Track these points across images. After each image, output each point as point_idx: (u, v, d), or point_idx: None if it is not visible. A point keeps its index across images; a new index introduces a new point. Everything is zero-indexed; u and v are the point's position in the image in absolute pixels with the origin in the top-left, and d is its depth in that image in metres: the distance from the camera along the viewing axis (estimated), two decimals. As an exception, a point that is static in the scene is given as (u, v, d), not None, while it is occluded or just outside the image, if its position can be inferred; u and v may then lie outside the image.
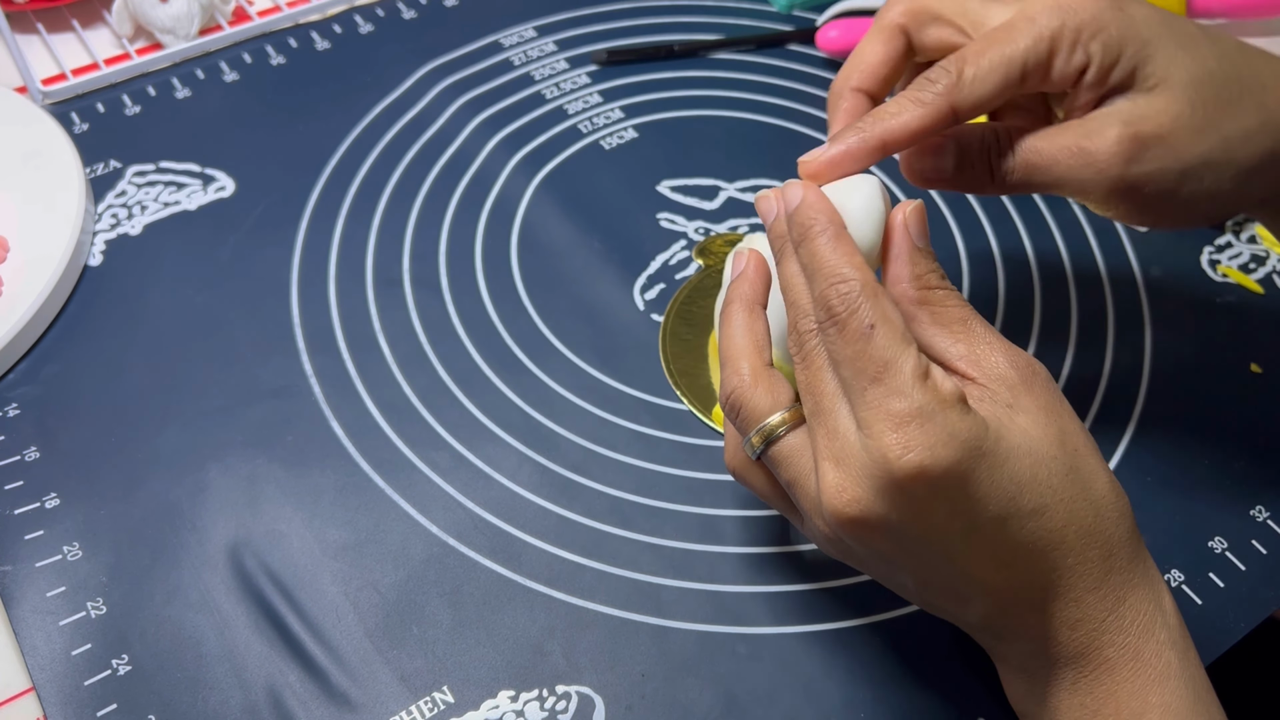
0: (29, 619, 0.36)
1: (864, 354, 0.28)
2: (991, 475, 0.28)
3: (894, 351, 0.28)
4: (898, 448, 0.27)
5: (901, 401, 0.27)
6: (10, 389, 0.42)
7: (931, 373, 0.28)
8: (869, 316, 0.28)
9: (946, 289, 0.31)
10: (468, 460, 0.41)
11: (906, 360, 0.28)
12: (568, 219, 0.50)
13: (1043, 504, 0.28)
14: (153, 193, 0.49)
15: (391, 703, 0.35)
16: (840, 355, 0.29)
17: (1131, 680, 0.29)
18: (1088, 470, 0.29)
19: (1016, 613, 0.30)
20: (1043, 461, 0.29)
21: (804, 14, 0.61)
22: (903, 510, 0.28)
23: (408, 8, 0.60)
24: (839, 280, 0.29)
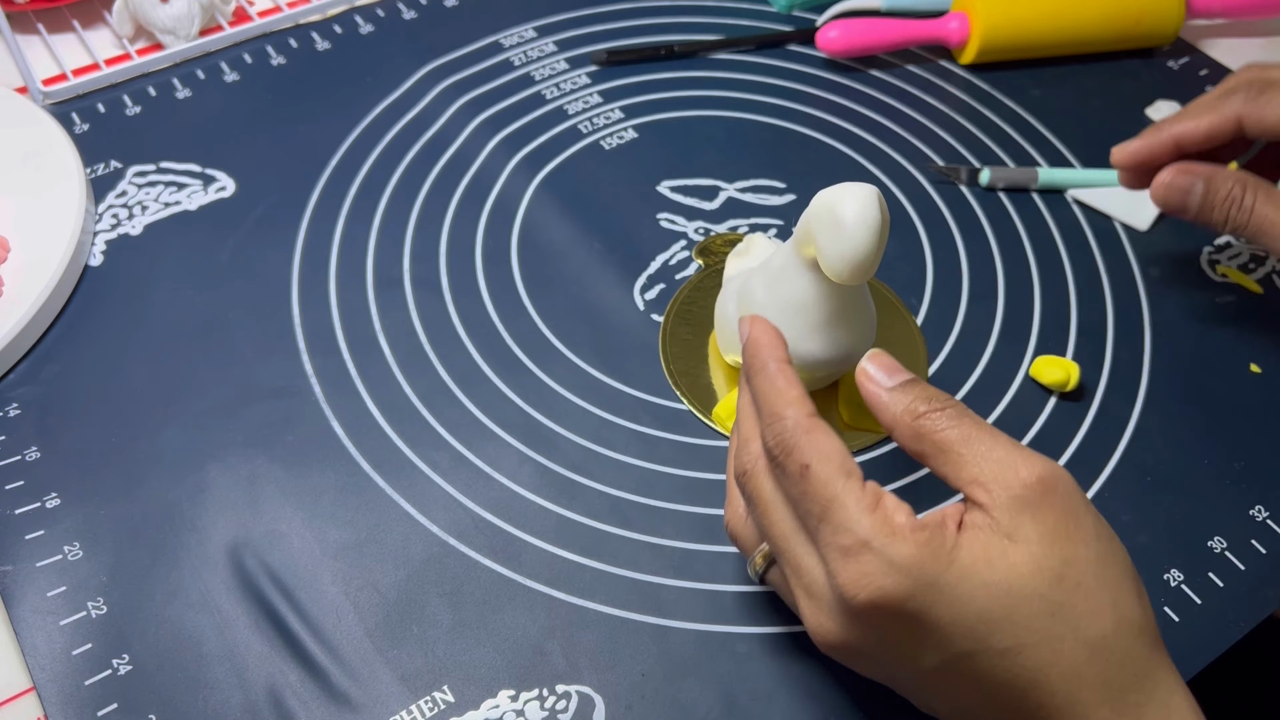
0: (29, 619, 0.36)
1: (807, 494, 0.28)
2: (952, 610, 0.27)
3: (834, 487, 0.28)
4: (851, 584, 0.27)
5: (847, 536, 0.27)
6: (11, 389, 0.42)
7: (883, 503, 0.28)
8: (803, 455, 0.29)
9: (939, 410, 0.30)
10: (468, 460, 0.41)
11: (848, 493, 0.28)
12: (568, 219, 0.50)
13: (1018, 644, 0.27)
14: (153, 193, 0.50)
15: (392, 702, 0.35)
16: (789, 494, 0.30)
17: None
18: (1085, 609, 0.27)
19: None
20: (1024, 600, 0.27)
21: (804, 14, 0.61)
22: (872, 639, 0.28)
23: (408, 8, 0.60)
24: (774, 419, 0.30)
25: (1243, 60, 0.60)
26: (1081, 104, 0.57)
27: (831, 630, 0.29)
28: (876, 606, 0.27)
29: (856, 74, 0.58)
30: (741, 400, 0.33)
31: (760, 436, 0.31)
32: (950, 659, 0.28)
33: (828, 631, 0.29)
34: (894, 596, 0.27)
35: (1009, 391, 0.45)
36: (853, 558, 0.27)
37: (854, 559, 0.27)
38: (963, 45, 0.58)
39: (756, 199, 0.51)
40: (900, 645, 0.28)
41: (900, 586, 0.27)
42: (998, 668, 0.27)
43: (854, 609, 0.27)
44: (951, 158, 0.54)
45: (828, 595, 0.29)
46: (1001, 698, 0.28)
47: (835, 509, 0.28)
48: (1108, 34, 0.58)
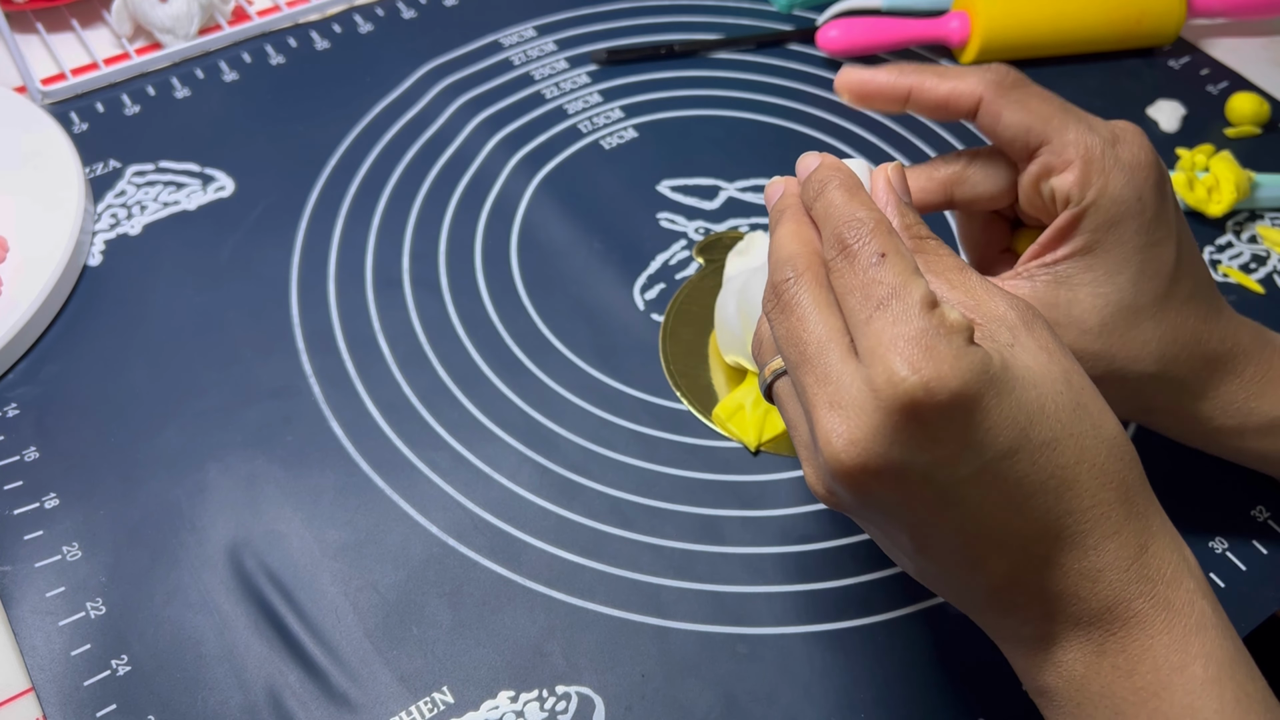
0: (28, 619, 0.36)
1: (873, 280, 0.27)
2: (1000, 403, 0.27)
3: (903, 279, 0.27)
4: (904, 369, 0.26)
5: (908, 326, 0.26)
6: (10, 389, 0.42)
7: (940, 304, 0.27)
8: (880, 246, 0.28)
9: (937, 239, 0.31)
10: (467, 460, 0.41)
11: (915, 288, 0.27)
12: (568, 219, 0.50)
13: (1053, 436, 0.27)
14: (152, 192, 0.49)
15: (391, 703, 0.35)
16: (848, 285, 0.28)
17: (1167, 632, 0.28)
18: (1095, 409, 0.28)
19: (1030, 572, 0.28)
20: (1049, 395, 0.27)
21: (804, 14, 0.61)
22: (906, 445, 0.26)
23: (407, 7, 0.59)
24: (852, 219, 0.29)
25: (1244, 59, 0.60)
26: (1082, 103, 0.57)
27: (860, 441, 0.26)
28: (931, 393, 0.26)
29: (857, 73, 0.58)
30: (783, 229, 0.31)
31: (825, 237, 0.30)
32: (991, 460, 0.27)
33: (855, 443, 0.27)
34: (950, 384, 0.26)
35: (1009, 391, 0.45)
36: (911, 344, 0.26)
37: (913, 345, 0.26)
38: (963, 45, 0.58)
39: (757, 199, 0.51)
40: (939, 447, 0.27)
41: (956, 373, 0.26)
42: (1036, 465, 0.27)
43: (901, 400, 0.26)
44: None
45: (864, 398, 0.26)
46: (1034, 504, 0.27)
47: (899, 298, 0.27)
48: (1109, 34, 0.58)
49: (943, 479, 0.27)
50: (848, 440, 0.27)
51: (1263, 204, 0.52)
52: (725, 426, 0.42)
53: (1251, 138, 0.56)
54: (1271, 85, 0.59)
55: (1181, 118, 0.56)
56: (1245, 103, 0.56)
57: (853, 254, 0.28)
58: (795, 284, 0.30)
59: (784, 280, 0.30)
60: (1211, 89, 0.58)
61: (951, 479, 0.27)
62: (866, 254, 0.28)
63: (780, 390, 0.31)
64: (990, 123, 0.35)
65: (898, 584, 0.38)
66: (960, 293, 0.29)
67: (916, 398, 0.26)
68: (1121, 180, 0.33)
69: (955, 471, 0.27)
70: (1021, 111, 0.34)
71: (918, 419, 0.26)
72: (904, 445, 0.26)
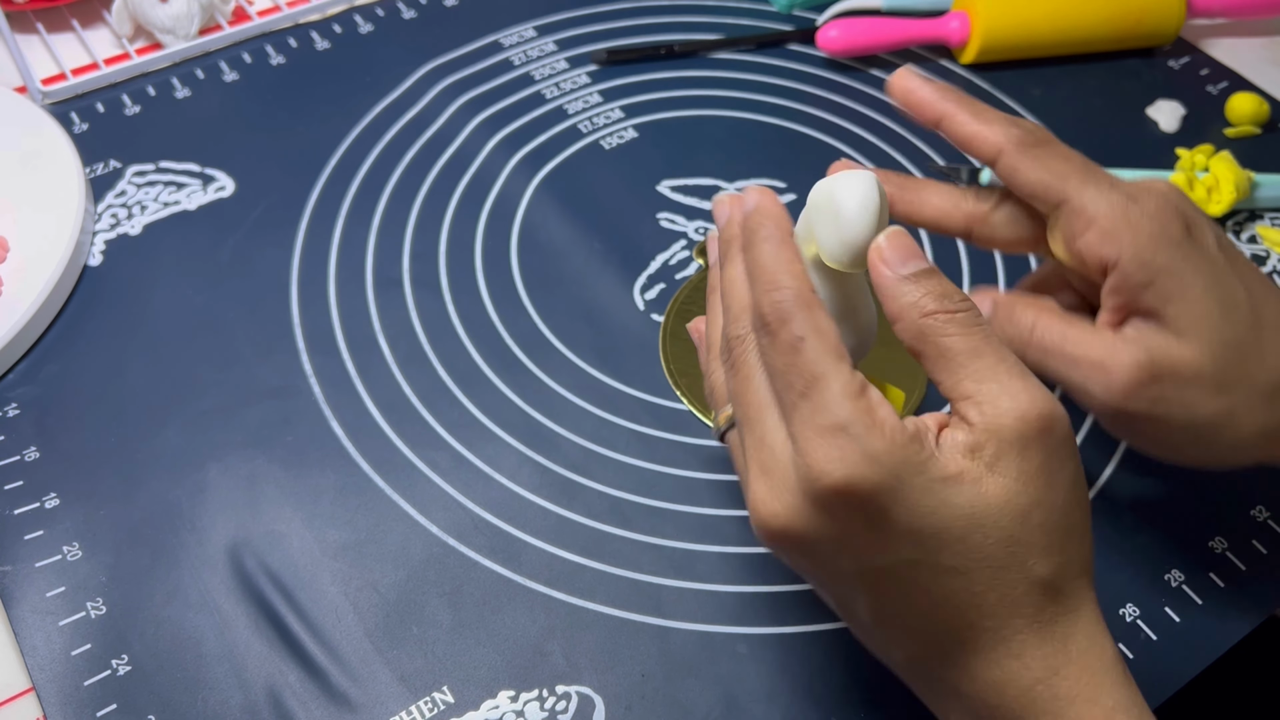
0: (29, 619, 0.36)
1: (793, 366, 0.27)
2: (912, 517, 0.27)
3: (823, 366, 0.27)
4: (820, 464, 0.26)
5: (827, 417, 0.27)
6: (10, 389, 0.42)
7: (868, 393, 0.27)
8: (799, 328, 0.28)
9: (949, 313, 0.28)
10: (468, 460, 0.41)
11: (836, 376, 0.27)
12: (568, 219, 0.50)
13: (965, 565, 0.27)
14: (152, 193, 0.49)
15: (391, 703, 0.35)
16: (772, 365, 0.28)
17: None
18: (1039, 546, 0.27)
19: (938, 663, 0.29)
20: (981, 528, 0.27)
21: (804, 14, 0.61)
22: (819, 529, 0.27)
23: (407, 7, 0.60)
24: (773, 288, 0.29)
25: (1243, 60, 0.60)
26: (1082, 104, 0.57)
27: (779, 513, 0.28)
28: (839, 493, 0.26)
29: (857, 73, 0.58)
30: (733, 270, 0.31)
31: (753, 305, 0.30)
32: (894, 564, 0.27)
33: (774, 514, 0.28)
34: (861, 486, 0.26)
35: (1009, 391, 0.45)
36: (828, 438, 0.26)
37: (829, 440, 0.26)
38: (963, 45, 0.58)
39: (756, 199, 0.51)
40: (849, 539, 0.27)
41: (869, 478, 0.26)
42: (939, 582, 0.27)
43: (816, 491, 0.27)
44: (952, 157, 0.54)
45: (788, 475, 0.28)
46: (936, 613, 0.28)
47: (820, 388, 0.27)
48: (1108, 34, 0.58)
49: (847, 566, 0.28)
50: (769, 510, 0.28)
51: (1262, 204, 0.52)
52: (725, 426, 0.42)
53: (1251, 138, 0.56)
54: (1271, 85, 0.59)
55: (1181, 118, 0.56)
56: (1245, 103, 0.56)
57: (772, 333, 0.28)
58: (744, 342, 0.30)
59: (737, 337, 0.30)
60: (1211, 89, 0.59)
61: (856, 568, 0.28)
62: (786, 336, 0.28)
63: (731, 440, 0.32)
64: (1008, 175, 0.34)
65: (898, 584, 0.38)
66: (970, 385, 0.28)
67: (828, 494, 0.27)
68: (1144, 238, 0.32)
69: (859, 562, 0.28)
70: (1040, 170, 0.34)
71: (827, 511, 0.27)
72: (815, 528, 0.27)
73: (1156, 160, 0.54)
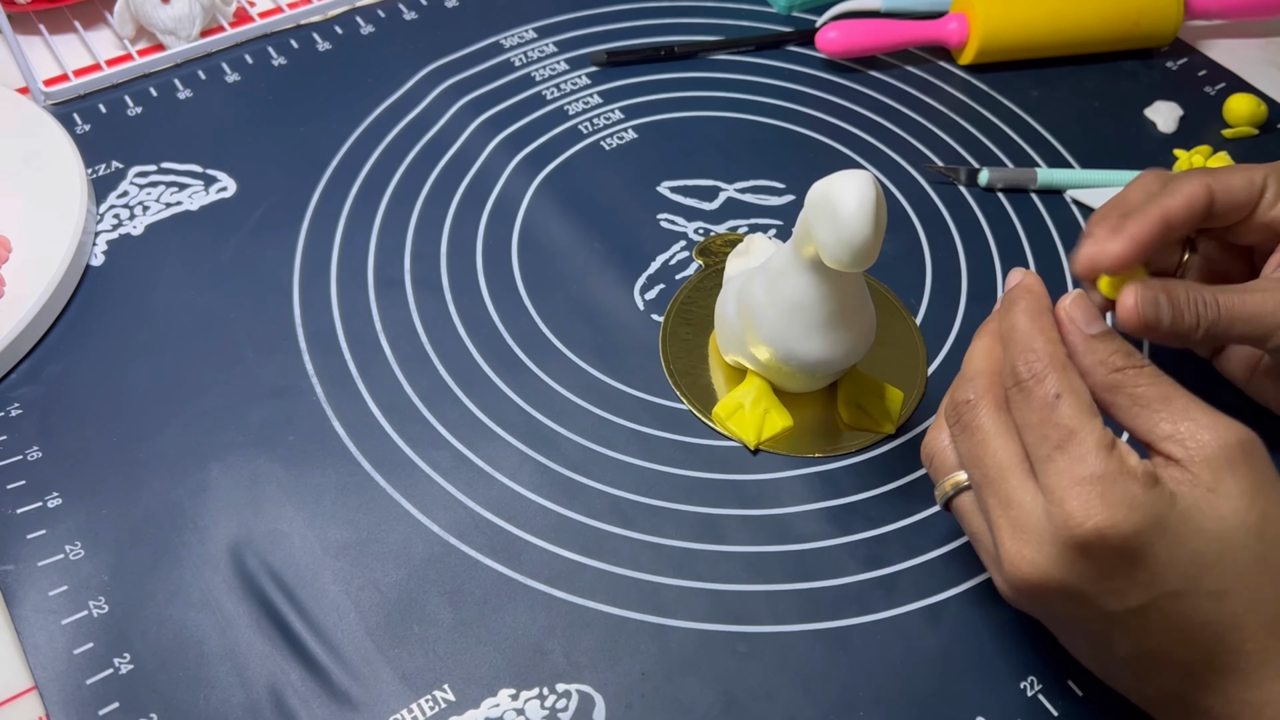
0: (31, 618, 0.36)
1: (1049, 421, 0.29)
2: (1172, 551, 0.28)
3: (1079, 421, 0.29)
4: (1080, 513, 0.28)
5: (1085, 468, 0.28)
6: (12, 389, 0.42)
7: (1118, 445, 0.29)
8: (1055, 386, 0.30)
9: (1137, 368, 0.31)
10: (468, 460, 0.41)
11: (1091, 431, 0.29)
12: (568, 219, 0.50)
13: (1223, 588, 0.28)
14: (154, 193, 0.50)
15: (393, 701, 0.35)
16: (1025, 421, 0.30)
17: None
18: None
19: (1195, 693, 0.30)
20: (1231, 549, 0.29)
21: (803, 15, 0.61)
22: (1081, 575, 0.29)
23: (409, 9, 0.60)
24: (1028, 349, 0.31)
25: (1241, 61, 0.61)
26: (1080, 105, 0.58)
27: (1038, 564, 0.29)
28: (1103, 536, 0.28)
29: (856, 75, 0.58)
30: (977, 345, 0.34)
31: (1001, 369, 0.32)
32: (1157, 598, 0.29)
33: (1034, 565, 0.29)
34: (1122, 529, 0.28)
35: (1008, 391, 0.45)
36: (1088, 487, 0.28)
37: (1088, 489, 0.28)
38: (962, 46, 0.58)
39: (756, 199, 0.51)
40: (1110, 580, 0.29)
41: (1129, 520, 0.28)
42: (1201, 609, 0.29)
43: (1078, 538, 0.28)
44: (950, 158, 0.54)
45: (1043, 527, 0.29)
46: (1197, 639, 0.29)
47: (1076, 441, 0.29)
48: (1106, 35, 0.58)
49: (1111, 606, 0.29)
50: (1029, 563, 0.29)
51: (1260, 205, 0.52)
52: (725, 426, 0.42)
53: (1248, 138, 0.56)
54: (1269, 86, 0.59)
55: (1179, 119, 0.57)
56: (1242, 104, 0.56)
57: (1028, 390, 0.30)
58: (975, 407, 0.32)
59: (965, 401, 0.32)
60: (1209, 90, 0.59)
61: (1120, 607, 0.29)
62: (1042, 393, 0.30)
63: (962, 504, 0.33)
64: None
65: (896, 582, 0.39)
66: (1167, 425, 0.30)
67: (1089, 540, 0.28)
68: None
69: (1123, 601, 0.29)
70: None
71: (1090, 556, 0.28)
72: (1077, 575, 0.29)
73: (1154, 161, 0.54)
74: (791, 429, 0.42)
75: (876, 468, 0.42)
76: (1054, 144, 0.55)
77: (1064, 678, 0.36)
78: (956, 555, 0.39)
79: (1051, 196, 0.53)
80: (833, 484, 0.41)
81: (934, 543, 0.40)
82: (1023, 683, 0.36)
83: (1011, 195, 0.53)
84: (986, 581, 0.39)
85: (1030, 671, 0.36)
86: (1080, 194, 0.53)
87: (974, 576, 0.39)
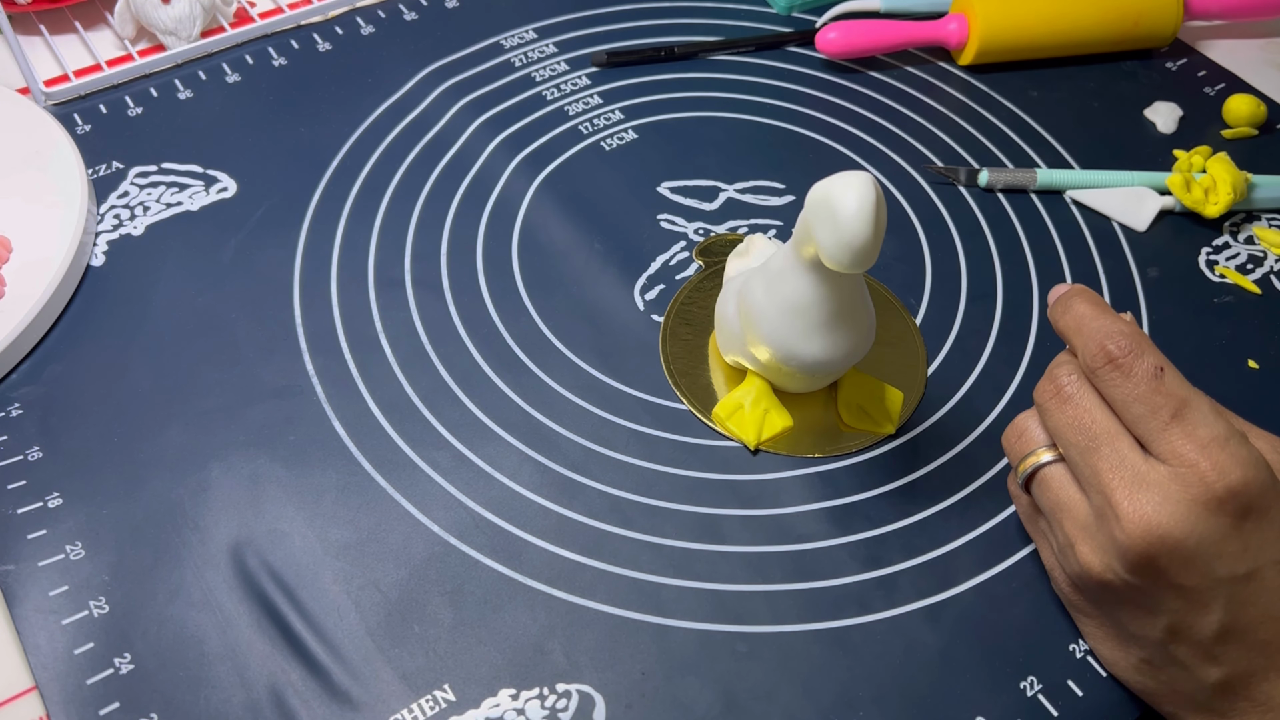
0: (31, 618, 0.36)
1: (1158, 391, 0.30)
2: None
3: (1187, 390, 0.30)
4: (1213, 471, 0.29)
5: (1209, 430, 0.29)
6: (13, 389, 0.42)
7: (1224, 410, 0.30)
8: (1155, 359, 0.31)
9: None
10: (469, 460, 0.41)
11: (1201, 397, 0.30)
12: (568, 220, 0.50)
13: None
14: (155, 193, 0.50)
15: (393, 701, 0.35)
16: (1129, 394, 0.31)
17: None
18: None
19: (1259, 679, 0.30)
20: None
21: (803, 16, 0.61)
22: (1205, 534, 0.29)
23: (409, 9, 0.60)
24: (1113, 332, 0.32)
25: (1240, 61, 0.61)
26: (1080, 105, 0.58)
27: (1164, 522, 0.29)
28: (1236, 494, 0.29)
29: (856, 75, 0.58)
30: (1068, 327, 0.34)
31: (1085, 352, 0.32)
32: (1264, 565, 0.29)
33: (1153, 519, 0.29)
34: (1253, 485, 0.29)
35: (1008, 391, 0.45)
36: (1216, 448, 0.29)
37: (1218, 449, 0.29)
38: (961, 47, 0.59)
39: (756, 200, 0.51)
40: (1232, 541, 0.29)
41: (1259, 478, 0.29)
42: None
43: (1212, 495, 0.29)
44: (950, 159, 0.54)
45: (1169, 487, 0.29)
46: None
47: (1192, 408, 0.30)
48: (1106, 35, 0.58)
49: (1222, 571, 0.30)
50: (1154, 515, 0.30)
51: (1259, 205, 0.52)
52: (725, 426, 0.42)
53: (1248, 139, 0.56)
54: (1268, 87, 0.59)
55: (1178, 119, 0.57)
56: (1242, 104, 0.56)
57: (1126, 367, 0.31)
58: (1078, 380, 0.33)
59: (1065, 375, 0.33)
60: (1208, 90, 0.59)
61: (1228, 573, 0.30)
62: (1143, 367, 0.31)
63: (1048, 475, 0.34)
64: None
65: (896, 582, 0.39)
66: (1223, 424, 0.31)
67: (1224, 497, 0.29)
68: None
69: (1234, 566, 0.29)
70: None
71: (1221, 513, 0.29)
72: (1201, 534, 0.29)
73: (1154, 162, 0.55)
74: (791, 429, 0.42)
75: (876, 468, 0.42)
76: (1054, 144, 0.55)
77: (1064, 678, 0.36)
78: (956, 555, 0.39)
79: (1051, 197, 0.53)
80: (833, 484, 0.41)
81: (934, 543, 0.40)
82: (1023, 683, 0.36)
83: (1011, 195, 0.53)
84: (986, 581, 0.39)
85: (1030, 671, 0.36)
86: (1080, 194, 0.53)
87: (974, 576, 0.39)
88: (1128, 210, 0.52)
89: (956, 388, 0.45)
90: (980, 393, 0.45)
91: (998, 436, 0.43)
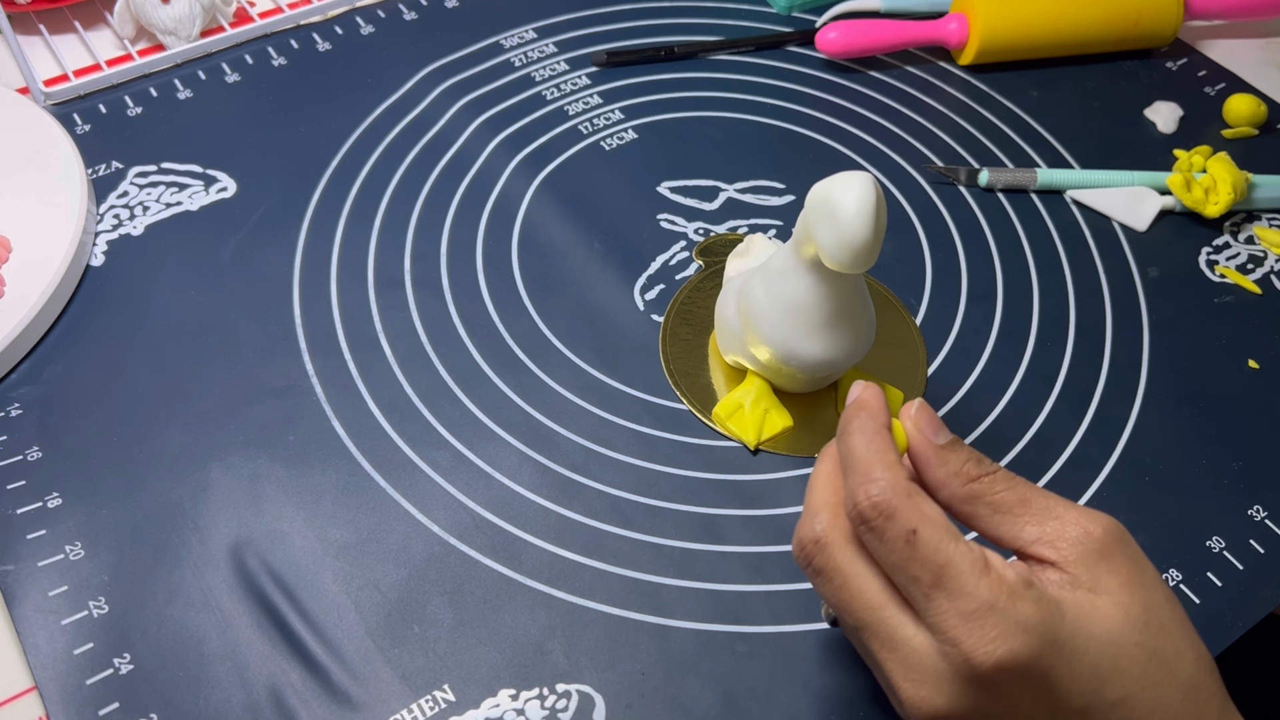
0: (31, 618, 0.36)
1: (913, 560, 0.27)
2: (1072, 668, 0.27)
3: (944, 552, 0.27)
4: (978, 650, 0.27)
5: (969, 601, 0.27)
6: (12, 389, 0.42)
7: (990, 562, 0.28)
8: (908, 520, 0.28)
9: (991, 474, 0.30)
10: (468, 460, 0.41)
11: (961, 557, 0.27)
12: (568, 220, 0.50)
13: (1125, 694, 0.28)
14: (154, 193, 0.50)
15: (393, 701, 0.35)
16: (886, 560, 0.28)
17: None
18: (1172, 651, 0.28)
19: None
20: (1124, 650, 0.28)
21: (803, 15, 0.61)
22: (989, 706, 0.28)
23: (409, 9, 0.60)
24: (867, 479, 0.28)
25: (1241, 61, 0.61)
26: (1080, 105, 0.58)
27: (938, 704, 0.28)
28: (1004, 669, 0.27)
29: (856, 75, 0.58)
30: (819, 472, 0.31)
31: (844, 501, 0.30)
32: (1065, 716, 0.28)
33: (931, 706, 0.28)
34: (1022, 657, 0.27)
35: (1008, 391, 0.45)
36: (978, 622, 0.27)
37: (980, 623, 0.27)
38: (962, 46, 0.59)
39: (756, 199, 0.51)
40: (1018, 708, 0.28)
41: (1028, 646, 0.27)
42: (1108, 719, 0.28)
43: (979, 674, 0.27)
44: (950, 158, 0.54)
45: (939, 667, 0.28)
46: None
47: (950, 575, 0.27)
48: (1106, 35, 0.58)
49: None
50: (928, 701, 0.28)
51: (1260, 205, 0.52)
52: (725, 426, 0.42)
53: (1248, 139, 0.56)
54: (1268, 86, 0.59)
55: (1179, 119, 0.57)
56: (1242, 104, 0.56)
57: (879, 531, 0.28)
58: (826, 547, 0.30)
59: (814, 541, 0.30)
60: (1209, 90, 0.59)
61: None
62: (895, 532, 0.28)
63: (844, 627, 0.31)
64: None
65: (897, 583, 0.39)
66: (1034, 529, 0.29)
67: (992, 674, 0.27)
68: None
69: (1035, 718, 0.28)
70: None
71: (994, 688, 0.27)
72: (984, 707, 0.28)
73: (1154, 162, 0.55)
74: (791, 429, 0.42)
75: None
76: (1054, 144, 0.55)
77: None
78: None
79: (1051, 196, 0.53)
80: (833, 484, 0.41)
81: (934, 543, 0.40)
82: None
83: (1011, 195, 0.53)
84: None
85: (1030, 671, 0.36)
86: (1080, 194, 0.53)
87: (974, 576, 0.39)
88: (1128, 210, 0.52)
89: (956, 388, 0.45)
90: (980, 393, 0.45)
91: (998, 436, 0.43)
